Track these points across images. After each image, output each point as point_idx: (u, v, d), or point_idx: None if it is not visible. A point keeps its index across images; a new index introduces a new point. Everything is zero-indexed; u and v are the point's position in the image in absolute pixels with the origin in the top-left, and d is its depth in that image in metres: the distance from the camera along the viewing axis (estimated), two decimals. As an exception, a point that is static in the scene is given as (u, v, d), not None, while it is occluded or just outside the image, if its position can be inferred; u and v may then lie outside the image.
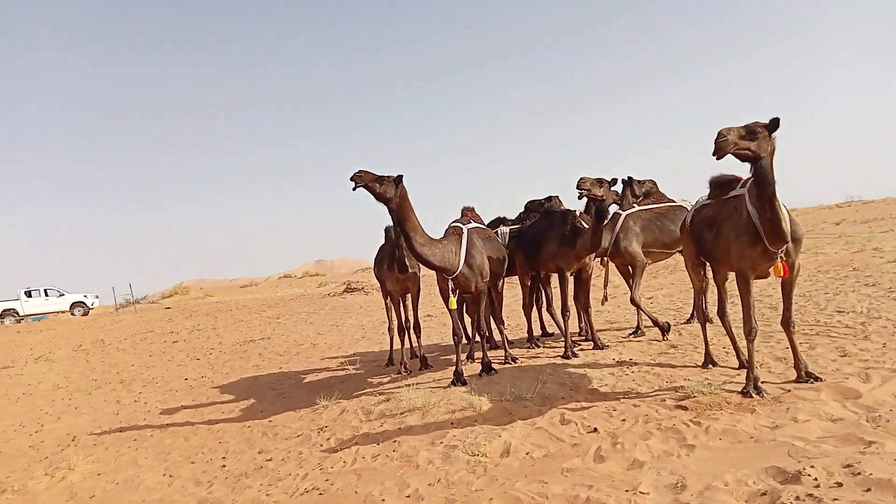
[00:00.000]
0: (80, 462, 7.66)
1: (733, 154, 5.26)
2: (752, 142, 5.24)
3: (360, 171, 7.36)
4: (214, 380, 12.38)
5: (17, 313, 36.41)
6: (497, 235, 9.91)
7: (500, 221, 11.02)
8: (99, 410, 10.95)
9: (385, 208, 7.58)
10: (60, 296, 38.05)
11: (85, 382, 14.13)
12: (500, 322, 9.64)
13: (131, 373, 14.61)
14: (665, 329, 9.41)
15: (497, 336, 10.76)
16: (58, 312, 37.38)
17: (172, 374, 13.69)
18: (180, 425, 8.99)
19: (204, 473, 6.72)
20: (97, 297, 39.45)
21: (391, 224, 8.16)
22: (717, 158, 5.24)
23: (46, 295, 37.73)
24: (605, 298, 10.45)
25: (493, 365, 8.66)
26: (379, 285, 11.71)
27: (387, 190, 7.43)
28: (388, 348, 10.95)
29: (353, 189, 7.36)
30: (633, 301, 9.67)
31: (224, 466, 6.83)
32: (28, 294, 37.25)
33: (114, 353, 18.31)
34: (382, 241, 10.56)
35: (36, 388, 14.07)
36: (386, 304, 10.89)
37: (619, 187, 10.37)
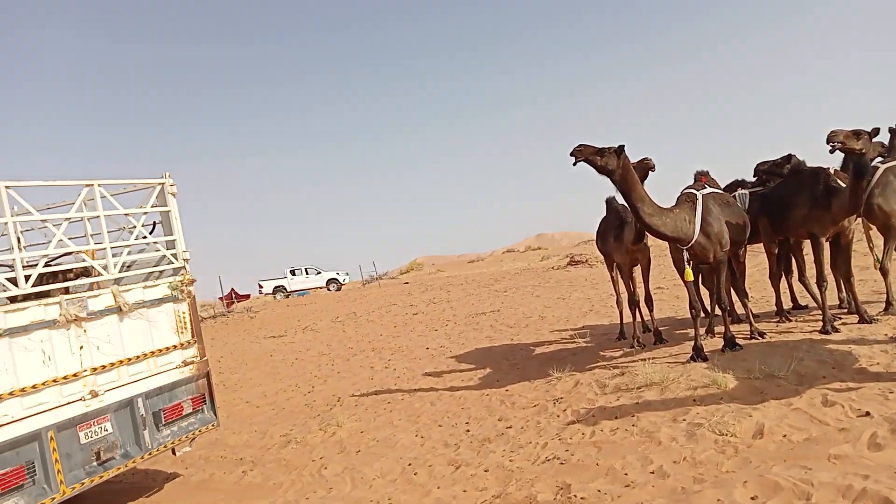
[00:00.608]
0: (345, 420, 8.70)
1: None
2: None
3: (579, 146, 7.27)
4: (452, 349, 13.18)
5: (284, 289, 41.99)
6: (736, 200, 9.16)
7: (737, 185, 10.14)
8: (357, 375, 12.28)
9: (608, 181, 7.42)
10: (318, 273, 43.08)
11: (343, 350, 15.91)
12: (742, 294, 8.95)
13: (380, 342, 16.11)
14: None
15: (739, 309, 10.01)
16: (317, 288, 42.37)
17: (415, 344, 14.84)
18: (425, 391, 9.75)
19: (451, 436, 7.24)
20: (348, 273, 44.02)
21: (613, 195, 7.94)
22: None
23: (307, 273, 42.98)
24: (877, 261, 9.03)
25: (736, 340, 8.10)
26: (603, 258, 11.49)
27: (608, 162, 7.25)
28: (619, 321, 10.76)
29: (574, 164, 7.30)
30: (882, 269, 8.37)
31: (468, 431, 7.29)
32: (293, 273, 42.74)
33: (364, 325, 20.32)
34: (605, 213, 10.33)
35: (305, 355, 16.18)
36: (612, 276, 10.67)
37: (882, 138, 8.88)
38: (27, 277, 5.57)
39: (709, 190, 8.36)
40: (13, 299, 5.62)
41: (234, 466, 7.80)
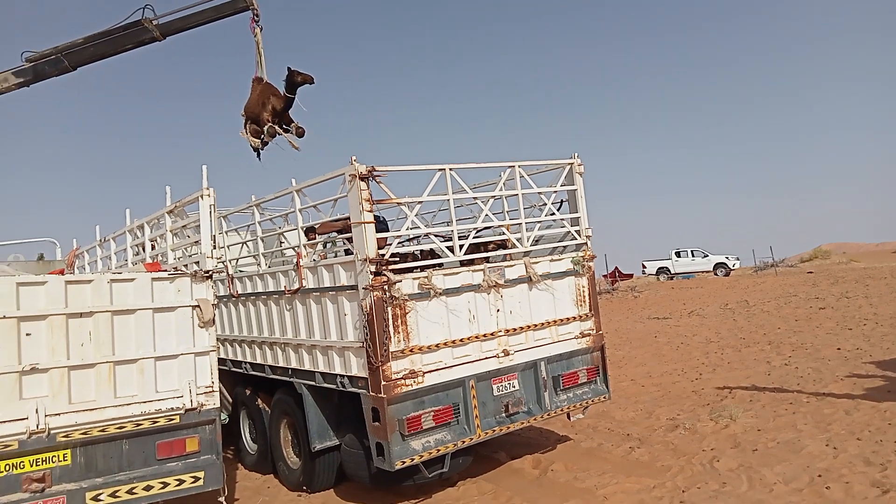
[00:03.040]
0: (739, 414, 8.15)
1: None
2: None
3: None
4: (872, 353, 11.27)
5: (668, 271, 41.08)
6: None
7: None
8: (750, 368, 11.39)
9: None
10: (705, 256, 41.02)
11: (734, 339, 14.91)
12: None
13: (778, 335, 14.63)
14: None
15: None
16: (703, 272, 40.44)
17: (822, 342, 13.09)
18: (837, 396, 8.54)
19: (874, 454, 6.21)
20: (738, 258, 40.95)
21: None
22: None
23: (693, 255, 41.28)
24: None
25: None
26: None
27: None
28: None
29: None
30: None
31: (898, 452, 6.16)
32: (678, 254, 41.50)
33: (758, 315, 18.69)
34: None
35: (691, 340, 15.64)
36: None
37: None
38: (461, 247, 6.52)
39: None
40: (446, 265, 6.63)
41: (620, 441, 7.98)
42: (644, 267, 42.30)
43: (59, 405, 5.17)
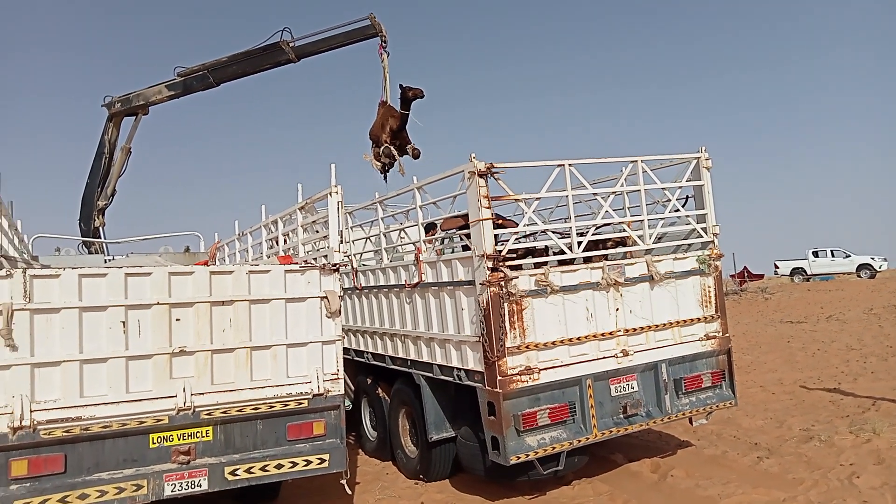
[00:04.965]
0: (884, 429, 7.51)
1: None
2: None
3: None
4: None
5: (804, 272, 38.31)
6: None
7: None
8: (898, 380, 10.45)
9: None
10: (846, 257, 37.87)
11: (879, 347, 13.71)
12: None
13: (932, 345, 13.31)
14: None
15: None
16: (844, 273, 37.38)
17: None
18: None
19: None
20: (885, 259, 37.48)
21: None
22: None
23: (833, 256, 38.24)
24: None
25: None
26: None
27: None
28: None
29: None
30: None
31: None
32: (815, 254, 38.58)
33: (909, 321, 17.08)
34: None
35: (829, 346, 14.54)
36: None
37: None
38: (579, 244, 6.45)
39: None
40: (564, 262, 6.58)
41: (748, 450, 7.59)
42: (777, 267, 39.69)
43: (203, 385, 5.63)
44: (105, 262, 10.72)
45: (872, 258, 37.31)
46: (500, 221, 7.01)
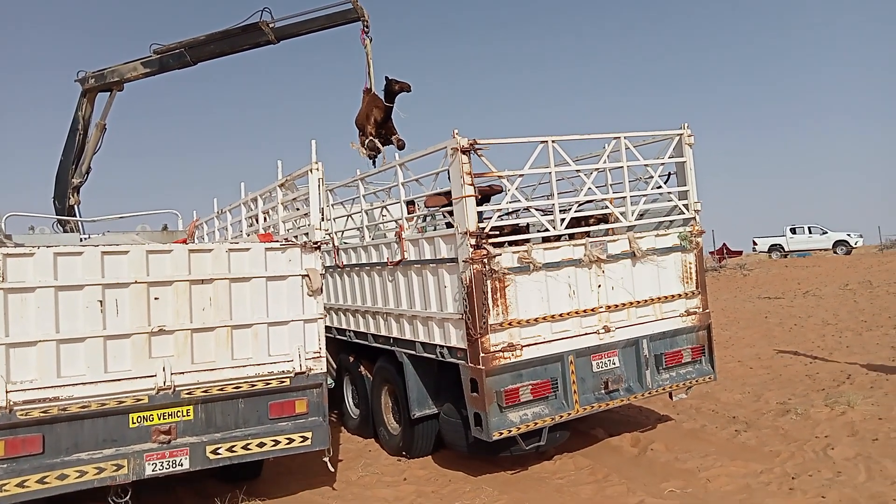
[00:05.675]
0: (858, 401, 7.67)
1: None
2: None
3: None
4: None
5: (781, 249, 38.78)
6: None
7: None
8: (872, 353, 10.64)
9: None
10: (823, 234, 38.36)
11: (854, 322, 13.96)
12: None
13: (905, 320, 13.58)
14: None
15: None
16: (820, 250, 37.90)
17: (957, 329, 12.04)
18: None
19: None
20: (861, 235, 38.04)
21: None
22: None
23: (810, 232, 38.70)
24: None
25: None
26: None
27: None
28: None
29: None
30: None
31: None
32: (793, 231, 39.02)
33: (882, 296, 17.39)
34: None
35: (805, 322, 14.78)
36: None
37: None
38: (562, 221, 6.45)
39: None
40: (547, 239, 6.57)
41: (726, 423, 7.71)
42: (755, 244, 40.11)
43: (183, 364, 5.59)
44: (81, 240, 10.52)
45: (848, 235, 37.82)
46: (487, 187, 6.97)
